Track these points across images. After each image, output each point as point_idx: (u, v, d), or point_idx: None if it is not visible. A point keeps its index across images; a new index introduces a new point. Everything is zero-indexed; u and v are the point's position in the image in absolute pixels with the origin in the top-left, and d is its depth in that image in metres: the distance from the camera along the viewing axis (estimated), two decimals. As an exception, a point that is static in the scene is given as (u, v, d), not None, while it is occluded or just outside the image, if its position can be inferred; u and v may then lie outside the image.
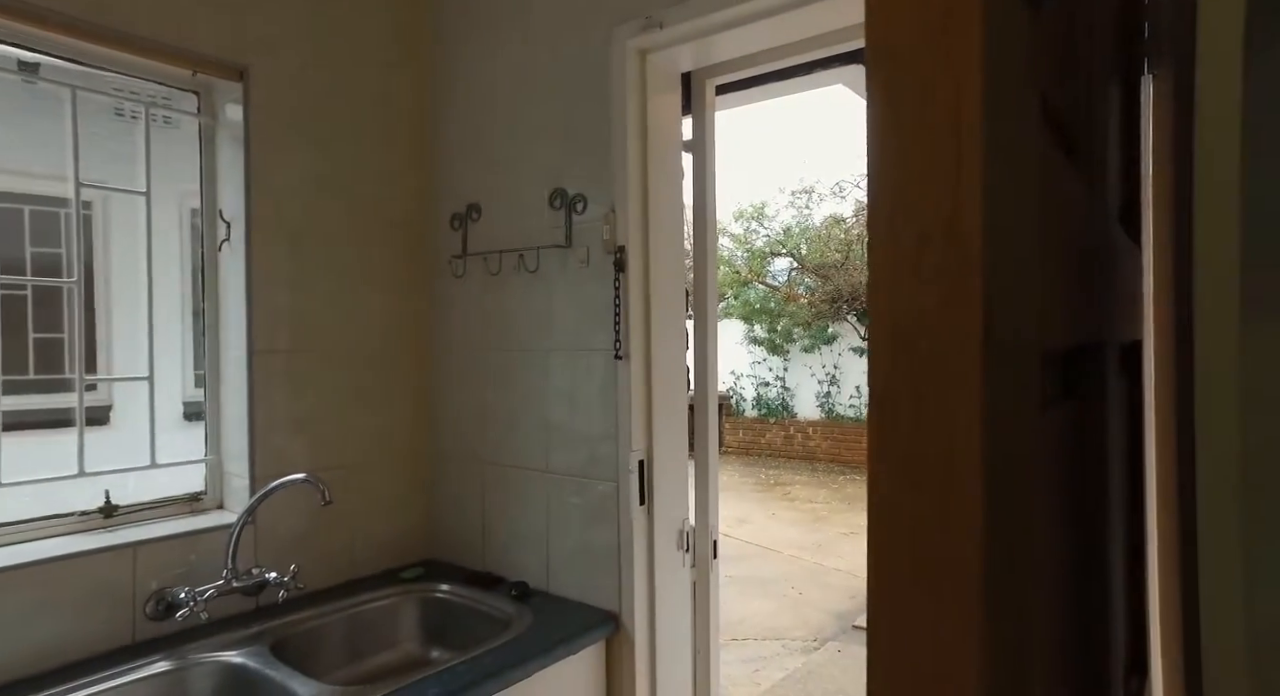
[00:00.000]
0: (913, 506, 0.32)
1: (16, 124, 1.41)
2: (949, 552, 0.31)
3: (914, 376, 0.32)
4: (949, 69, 0.30)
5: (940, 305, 0.31)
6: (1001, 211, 0.32)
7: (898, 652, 0.33)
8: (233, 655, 1.44)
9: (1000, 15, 0.32)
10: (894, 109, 0.32)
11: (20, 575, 1.35)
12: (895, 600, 0.33)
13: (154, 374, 1.69)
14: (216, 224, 1.74)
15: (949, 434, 0.31)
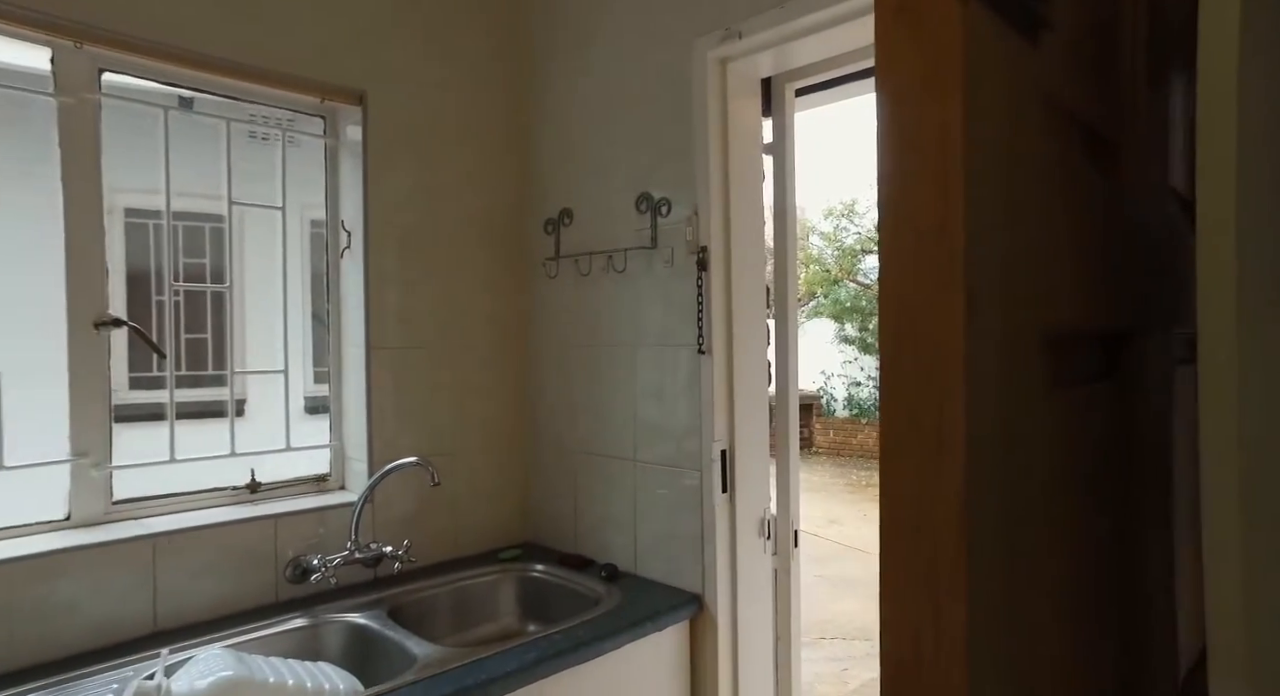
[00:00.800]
0: (913, 460, 0.40)
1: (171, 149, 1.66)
2: (939, 501, 0.39)
3: (915, 354, 0.40)
4: (936, 107, 0.38)
5: (933, 293, 0.39)
6: (987, 215, 0.40)
7: (894, 595, 0.41)
8: (357, 616, 1.62)
9: (985, 59, 0.40)
10: (896, 137, 0.40)
11: (194, 536, 1.58)
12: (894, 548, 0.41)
13: (287, 368, 1.92)
14: (339, 233, 1.95)
15: (940, 401, 0.39)
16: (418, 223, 1.96)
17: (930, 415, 0.39)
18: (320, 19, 1.78)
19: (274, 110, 1.88)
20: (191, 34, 1.60)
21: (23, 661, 1.37)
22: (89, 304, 1.56)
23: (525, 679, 1.38)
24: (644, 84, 1.83)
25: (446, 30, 2.01)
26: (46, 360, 1.56)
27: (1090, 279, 0.56)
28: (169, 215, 1.73)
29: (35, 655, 1.39)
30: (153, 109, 1.69)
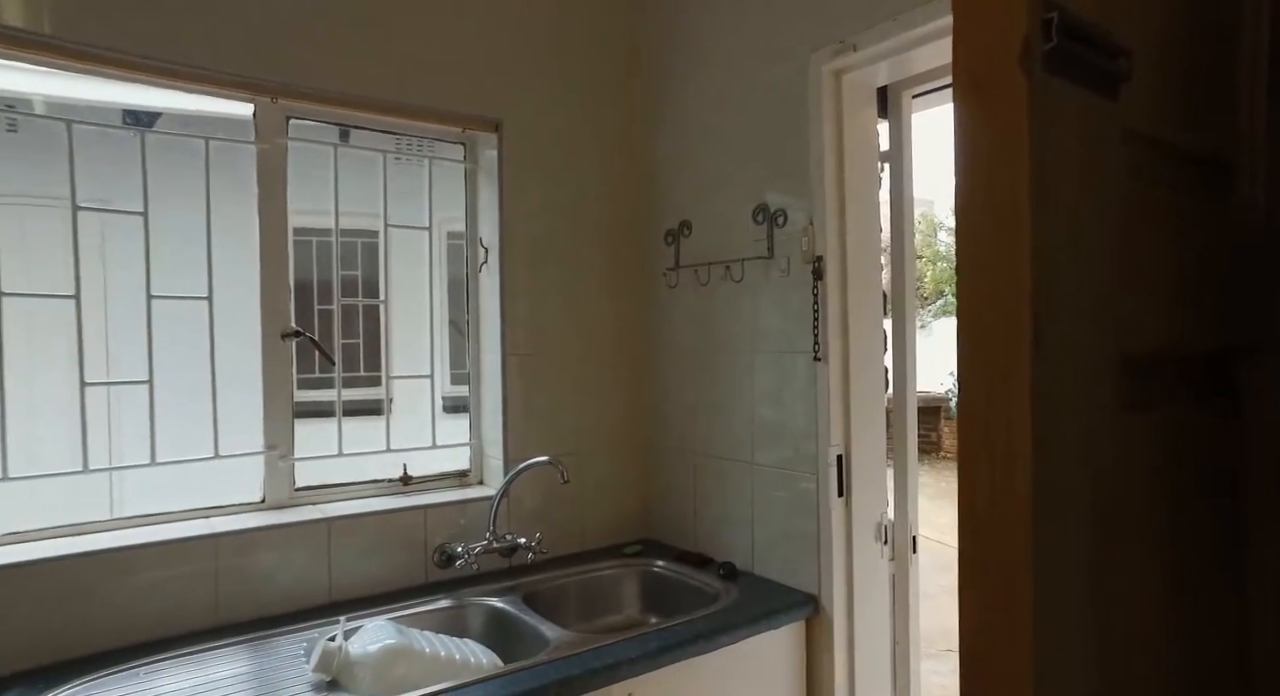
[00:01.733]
0: (985, 469, 0.47)
1: (320, 175, 1.92)
2: (1008, 506, 0.46)
3: (987, 378, 0.47)
4: (1005, 170, 0.45)
5: (1003, 328, 0.46)
6: (1057, 258, 0.46)
7: (971, 586, 0.48)
8: (495, 600, 1.80)
9: (1054, 122, 0.46)
10: (969, 196, 0.47)
11: (359, 521, 1.82)
12: (970, 546, 0.48)
13: (433, 372, 2.14)
14: (478, 249, 2.15)
15: (1008, 418, 0.45)
16: (547, 237, 2.13)
17: (1000, 431, 0.46)
18: (460, 59, 1.98)
19: (424, 139, 2.11)
20: (358, 83, 1.84)
21: (229, 619, 1.64)
22: (277, 318, 1.83)
23: (648, 666, 1.49)
24: (759, 98, 1.90)
25: (571, 58, 2.17)
26: (243, 366, 1.84)
27: (1193, 299, 0.60)
28: (337, 237, 1.98)
29: (239, 614, 1.65)
30: (323, 146, 1.95)
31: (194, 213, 1.78)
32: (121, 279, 1.82)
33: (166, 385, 1.75)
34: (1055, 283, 0.46)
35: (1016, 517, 0.45)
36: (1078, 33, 0.47)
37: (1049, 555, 0.46)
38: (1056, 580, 0.47)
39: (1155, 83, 0.57)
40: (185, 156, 1.82)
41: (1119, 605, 0.53)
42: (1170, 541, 0.58)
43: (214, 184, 1.80)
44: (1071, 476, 0.49)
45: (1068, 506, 0.48)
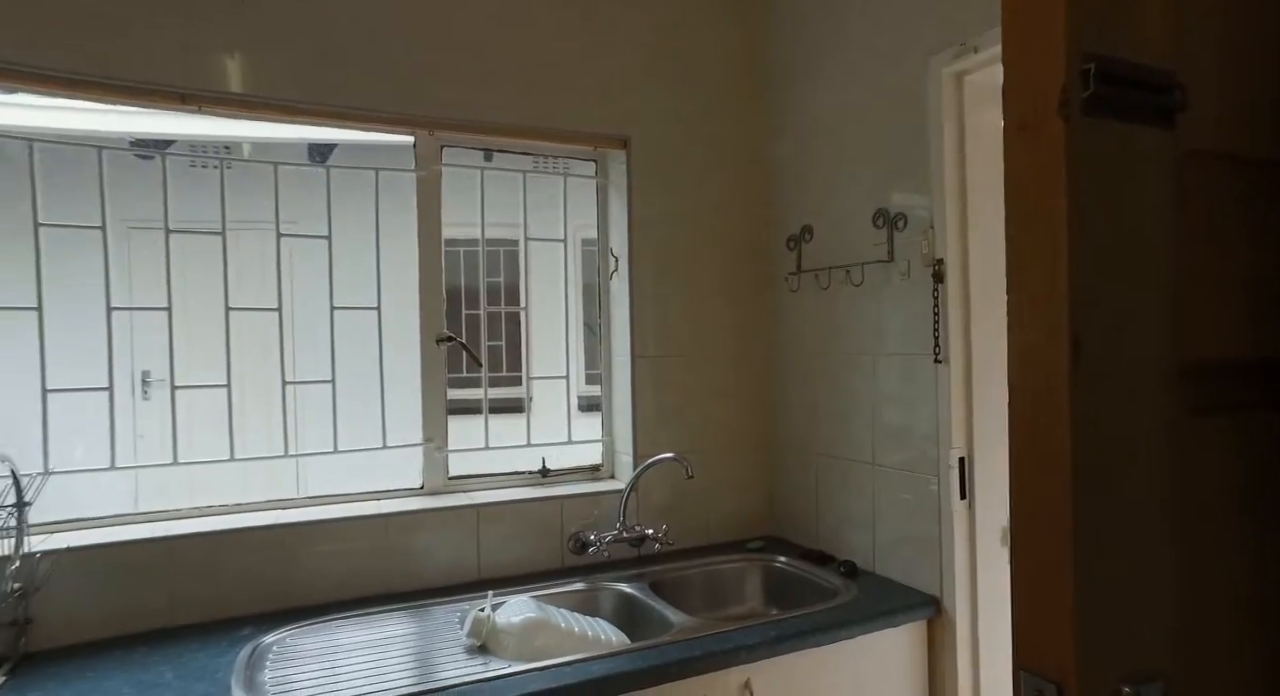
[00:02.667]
0: (1031, 471, 0.54)
1: (466, 190, 2.15)
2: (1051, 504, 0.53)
3: (1033, 388, 0.54)
4: (1047, 201, 0.52)
5: (1044, 342, 0.53)
6: (1099, 278, 0.53)
7: (1022, 573, 0.55)
8: (624, 586, 1.95)
9: (1096, 155, 0.53)
10: (1016, 222, 0.54)
11: (504, 508, 2.03)
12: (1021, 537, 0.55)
13: (569, 373, 2.33)
14: (609, 258, 2.32)
15: (1051, 425, 0.52)
16: (673, 245, 2.26)
17: (1044, 436, 0.53)
18: (591, 83, 2.15)
19: (555, 156, 2.31)
20: (501, 112, 2.05)
21: (395, 588, 1.89)
22: (433, 324, 2.08)
23: (765, 653, 1.58)
24: (879, 102, 1.93)
25: (693, 74, 2.29)
26: (405, 367, 2.10)
27: (1268, 308, 0.63)
28: (484, 250, 2.21)
29: (404, 584, 1.90)
30: (471, 170, 2.19)
31: (365, 230, 2.06)
32: (307, 292, 2.13)
33: (343, 384, 2.04)
34: (1096, 297, 0.52)
35: (1059, 515, 0.52)
36: (1119, 77, 0.53)
37: (1094, 549, 0.52)
38: (1104, 567, 0.53)
39: (1225, 103, 0.61)
40: (358, 182, 2.11)
41: (1187, 596, 0.58)
42: (1247, 539, 0.62)
43: (379, 206, 2.08)
44: (1124, 475, 0.55)
45: (1119, 502, 0.54)
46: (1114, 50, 0.53)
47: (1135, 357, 0.55)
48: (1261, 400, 0.62)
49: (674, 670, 1.50)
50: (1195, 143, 0.59)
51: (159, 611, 1.68)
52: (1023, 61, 0.55)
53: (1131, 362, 0.54)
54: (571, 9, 2.13)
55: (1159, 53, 0.56)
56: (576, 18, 2.13)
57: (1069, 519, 0.51)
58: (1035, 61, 0.54)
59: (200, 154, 3.75)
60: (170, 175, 1.87)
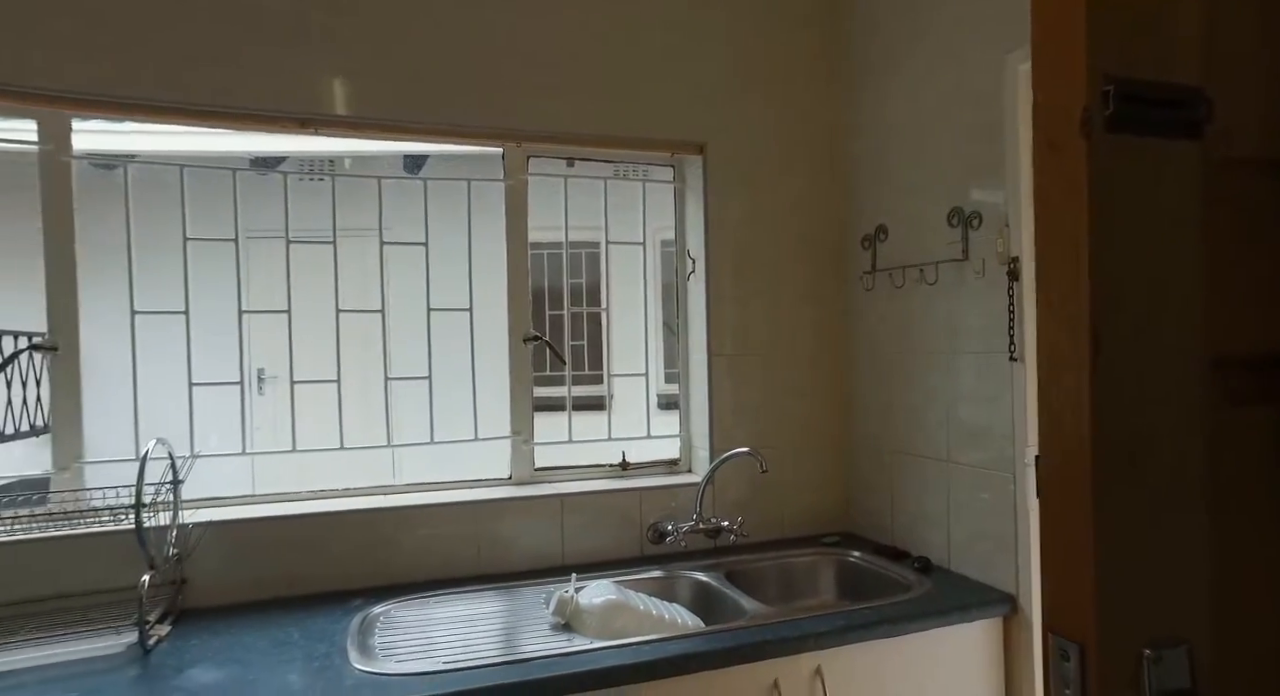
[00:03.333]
0: (1057, 456, 0.60)
1: (548, 194, 2.28)
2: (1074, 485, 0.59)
3: (1059, 380, 0.60)
4: (1071, 211, 0.58)
5: (1068, 338, 0.59)
6: (1121, 280, 0.58)
7: (1049, 547, 0.61)
8: (700, 574, 2.04)
9: (1119, 168, 0.59)
10: (1043, 231, 0.61)
11: (586, 499, 2.16)
12: (1047, 516, 0.61)
13: (648, 370, 2.44)
14: (686, 260, 2.41)
15: (1075, 414, 0.58)
16: (749, 246, 2.33)
17: (1067, 423, 0.59)
18: (668, 93, 2.25)
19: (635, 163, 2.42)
20: (584, 123, 2.18)
21: (486, 570, 2.04)
22: (520, 324, 2.23)
23: (836, 640, 1.64)
24: (955, 101, 1.95)
25: (768, 78, 2.35)
26: (494, 365, 2.25)
27: None
28: (567, 252, 2.35)
29: (493, 567, 2.05)
30: (555, 178, 2.33)
31: (457, 236, 2.22)
32: (404, 295, 2.30)
33: (438, 380, 2.21)
34: (1118, 299, 0.58)
35: (1081, 495, 0.58)
36: (1141, 96, 0.59)
37: (1115, 525, 0.58)
38: (1126, 542, 0.59)
39: (1259, 110, 0.65)
40: (450, 189, 2.27)
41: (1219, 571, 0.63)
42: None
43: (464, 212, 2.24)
44: (1148, 458, 0.60)
45: (1143, 484, 0.60)
46: (1137, 71, 0.59)
47: (1159, 353, 0.60)
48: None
49: (747, 652, 1.58)
50: (1225, 150, 0.63)
51: (282, 581, 1.88)
52: (1049, 84, 0.61)
53: (1155, 357, 0.60)
54: (648, 23, 2.23)
55: (1186, 70, 0.61)
56: (653, 31, 2.23)
57: (1089, 498, 0.57)
58: (1060, 84, 0.60)
59: (308, 169, 4.07)
60: (277, 189, 2.08)
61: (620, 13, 2.20)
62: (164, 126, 1.98)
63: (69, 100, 1.77)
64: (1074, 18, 0.59)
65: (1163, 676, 0.58)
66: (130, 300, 1.93)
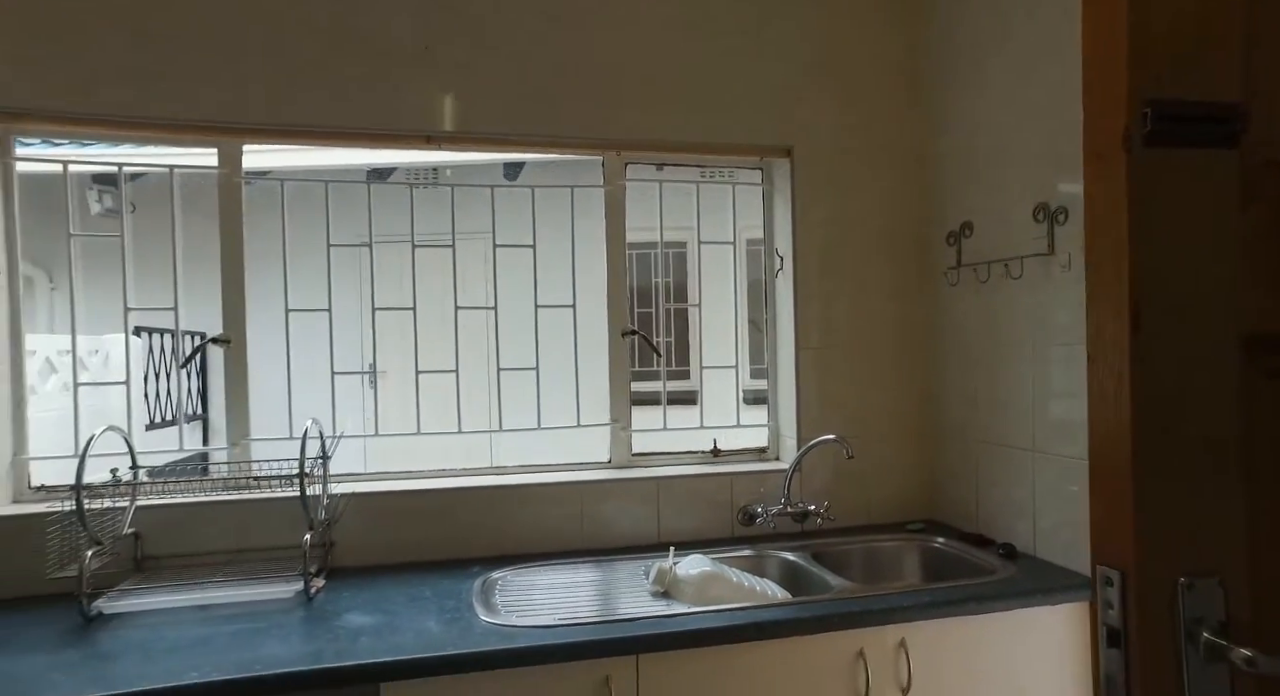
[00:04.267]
0: (1103, 421, 0.72)
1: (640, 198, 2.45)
2: (1118, 445, 0.71)
3: (1105, 354, 0.72)
4: (1114, 214, 0.70)
5: (1111, 317, 0.71)
6: (1159, 270, 0.70)
7: (1097, 502, 0.73)
8: (788, 554, 2.17)
9: (1160, 175, 0.70)
10: (1092, 231, 0.73)
11: (680, 482, 2.33)
12: (1097, 472, 0.73)
13: (738, 364, 2.58)
14: (774, 258, 2.54)
15: (1117, 382, 0.70)
16: (835, 244, 2.44)
17: (1111, 392, 0.71)
18: (756, 99, 2.39)
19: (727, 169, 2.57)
20: (677, 131, 2.34)
21: (588, 545, 2.24)
22: (618, 319, 2.41)
23: (920, 614, 1.74)
24: (1042, 98, 2.01)
25: (853, 81, 2.46)
26: (595, 357, 2.45)
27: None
28: (660, 251, 2.52)
29: (594, 542, 2.24)
30: (649, 183, 2.50)
31: (560, 238, 2.43)
32: (512, 292, 2.52)
33: (544, 371, 2.42)
34: (1157, 285, 0.70)
35: (1121, 449, 0.70)
36: (1178, 115, 0.70)
37: (1151, 474, 0.70)
38: (1163, 489, 0.70)
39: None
40: (548, 193, 2.48)
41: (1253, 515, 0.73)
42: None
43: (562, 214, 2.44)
44: (1183, 420, 0.71)
45: (1178, 440, 0.71)
46: (1176, 91, 0.70)
47: (1194, 332, 0.71)
48: None
49: (835, 621, 1.71)
50: (1266, 154, 0.74)
51: (412, 548, 2.13)
52: (1096, 102, 0.73)
53: (1190, 337, 0.71)
54: (735, 33, 2.37)
55: (1226, 87, 0.72)
56: (740, 41, 2.38)
57: (1129, 451, 0.69)
58: (1105, 105, 0.72)
59: (417, 178, 4.40)
60: (393, 196, 2.34)
61: (707, 27, 2.35)
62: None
63: (244, 130, 2.08)
64: (1117, 42, 0.71)
65: (1196, 603, 0.70)
66: (285, 299, 2.22)
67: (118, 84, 1.97)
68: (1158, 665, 0.70)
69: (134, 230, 2.15)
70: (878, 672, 1.72)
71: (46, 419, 2.22)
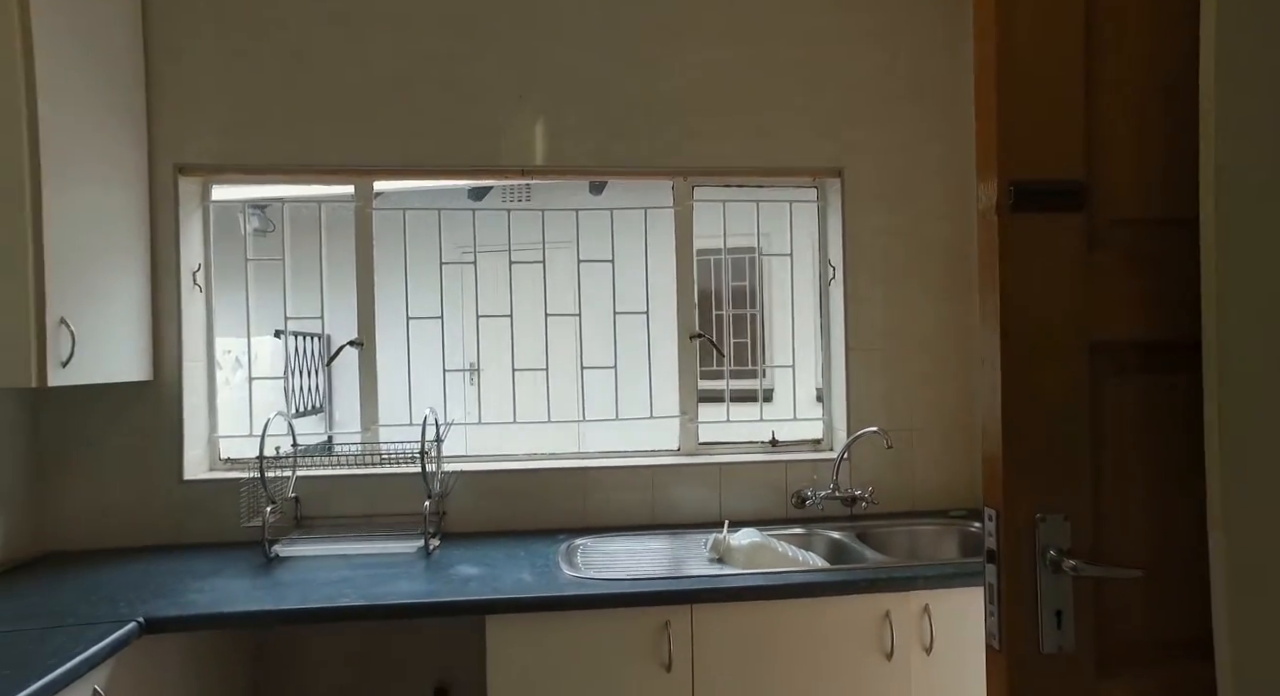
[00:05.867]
0: (989, 395, 1.04)
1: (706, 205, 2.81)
2: (992, 440, 1.03)
3: (987, 358, 1.04)
4: (990, 258, 1.03)
5: (990, 333, 1.03)
6: (1021, 296, 1.02)
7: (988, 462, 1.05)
8: (835, 533, 2.48)
9: (1028, 231, 1.02)
10: (980, 272, 1.05)
11: (741, 468, 2.68)
12: (987, 441, 1.05)
13: (795, 363, 2.90)
14: (827, 267, 2.85)
15: (993, 376, 1.03)
16: (884, 254, 2.73)
17: (991, 384, 1.03)
18: (809, 127, 2.71)
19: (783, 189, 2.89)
20: (740, 158, 2.70)
21: (658, 521, 2.62)
22: (686, 323, 2.78)
23: (943, 584, 2.03)
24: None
25: (902, 104, 2.73)
26: (667, 356, 2.83)
27: (1158, 308, 1.05)
28: (726, 260, 2.87)
29: (663, 519, 2.62)
30: (714, 203, 2.86)
31: (636, 255, 2.82)
32: (593, 301, 2.92)
33: (621, 369, 2.82)
34: (1022, 307, 1.01)
35: (996, 426, 1.02)
36: (1035, 190, 1.00)
37: (1017, 435, 1.02)
38: (1024, 448, 1.02)
39: (1128, 186, 1.04)
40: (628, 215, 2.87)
41: (1099, 467, 1.03)
42: (1146, 442, 1.05)
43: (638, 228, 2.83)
44: (1042, 400, 1.03)
45: (1038, 414, 1.02)
46: (1034, 173, 1.01)
47: (1052, 340, 1.02)
48: (1154, 366, 1.03)
49: (863, 585, 2.02)
50: (1108, 213, 1.03)
51: (508, 518, 2.57)
52: (981, 180, 1.05)
53: (1048, 343, 1.02)
54: (790, 68, 2.70)
55: (1071, 168, 1.02)
56: (794, 75, 2.70)
57: (999, 422, 1.01)
58: (986, 181, 1.04)
59: (512, 196, 4.91)
60: (487, 214, 2.78)
61: (764, 64, 2.69)
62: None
63: (376, 171, 2.59)
64: (991, 140, 1.03)
65: (1047, 532, 1.00)
66: (405, 308, 2.72)
67: (284, 142, 2.51)
68: (1019, 574, 1.01)
69: (273, 246, 2.69)
70: (902, 633, 2.03)
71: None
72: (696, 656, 1.97)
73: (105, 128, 2.22)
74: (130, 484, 2.41)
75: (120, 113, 2.30)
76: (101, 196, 2.18)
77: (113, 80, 2.27)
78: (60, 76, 1.94)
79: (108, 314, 2.17)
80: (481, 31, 2.58)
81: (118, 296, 2.24)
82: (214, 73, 2.48)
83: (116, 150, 2.28)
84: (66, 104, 1.98)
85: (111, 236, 2.23)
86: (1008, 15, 1.03)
